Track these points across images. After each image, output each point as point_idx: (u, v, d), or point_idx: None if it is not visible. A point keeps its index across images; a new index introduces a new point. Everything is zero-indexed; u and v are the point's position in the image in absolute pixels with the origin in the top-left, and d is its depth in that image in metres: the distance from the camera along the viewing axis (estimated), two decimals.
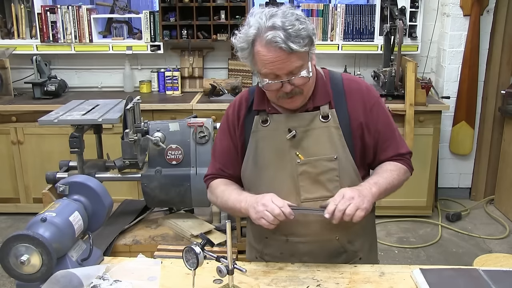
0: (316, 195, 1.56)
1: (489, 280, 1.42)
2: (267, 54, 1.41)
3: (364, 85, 1.63)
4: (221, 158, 1.68)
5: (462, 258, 3.40)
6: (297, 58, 1.42)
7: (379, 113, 1.60)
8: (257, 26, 1.43)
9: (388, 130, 1.61)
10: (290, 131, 1.55)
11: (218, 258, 1.38)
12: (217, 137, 1.72)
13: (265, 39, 1.40)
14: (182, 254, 1.38)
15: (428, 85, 3.90)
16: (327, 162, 1.55)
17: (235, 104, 1.68)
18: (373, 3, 4.14)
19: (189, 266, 1.37)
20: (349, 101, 1.58)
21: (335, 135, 1.55)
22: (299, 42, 1.39)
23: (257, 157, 1.60)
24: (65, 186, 1.55)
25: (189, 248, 1.36)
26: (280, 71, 1.43)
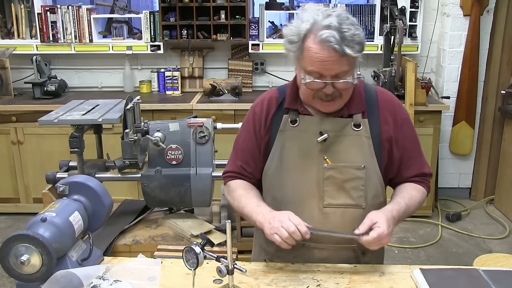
0: (340, 201, 1.55)
1: (489, 280, 1.42)
2: (319, 52, 1.39)
3: (396, 100, 1.63)
4: (242, 156, 1.66)
5: (462, 258, 3.40)
6: (346, 62, 1.41)
7: (408, 130, 1.60)
8: (312, 22, 1.40)
9: (414, 148, 1.61)
10: (321, 134, 1.53)
11: (218, 258, 1.38)
12: (240, 134, 1.69)
13: (319, 37, 1.37)
14: (182, 254, 1.38)
15: (428, 85, 3.90)
16: (354, 170, 1.53)
17: (263, 102, 1.65)
18: (373, 3, 4.14)
19: (189, 266, 1.37)
20: (381, 113, 1.57)
21: (365, 144, 1.54)
22: (353, 47, 1.38)
23: (282, 157, 1.58)
24: (65, 186, 1.55)
25: (189, 248, 1.36)
26: (327, 71, 1.42)
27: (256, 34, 4.08)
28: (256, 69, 4.33)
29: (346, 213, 1.56)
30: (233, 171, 1.67)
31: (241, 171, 1.66)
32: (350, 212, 1.56)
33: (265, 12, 4.08)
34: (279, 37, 4.18)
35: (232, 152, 1.71)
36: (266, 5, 4.12)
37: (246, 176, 1.66)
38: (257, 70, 4.33)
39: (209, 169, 2.34)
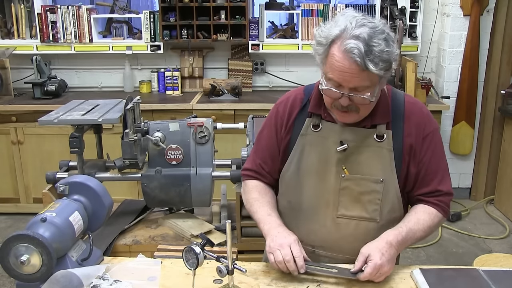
0: (353, 213, 1.53)
1: (489, 280, 1.42)
2: (340, 61, 1.34)
3: (425, 111, 1.55)
4: (262, 154, 1.64)
5: (462, 258, 3.40)
6: (367, 77, 1.35)
7: (431, 144, 1.52)
8: (343, 28, 1.34)
9: (434, 164, 1.52)
10: (342, 144, 1.50)
11: (218, 258, 1.38)
12: (262, 131, 1.66)
13: (344, 45, 1.32)
14: (182, 254, 1.37)
15: (428, 85, 3.90)
16: (372, 183, 1.50)
17: (287, 101, 1.61)
18: (373, 3, 4.14)
19: (189, 266, 1.37)
20: (406, 125, 1.51)
21: (386, 157, 1.50)
22: (377, 63, 1.32)
23: (301, 161, 1.55)
24: (65, 186, 1.55)
25: (189, 248, 1.35)
26: (345, 83, 1.37)
27: (256, 34, 4.08)
28: (256, 69, 4.32)
29: (360, 225, 1.54)
30: (251, 169, 1.66)
31: (259, 170, 1.64)
32: (363, 225, 1.54)
33: (265, 12, 4.08)
34: (279, 37, 4.18)
35: (253, 148, 1.69)
36: (266, 5, 4.12)
37: (264, 175, 1.65)
38: (257, 70, 4.33)
39: (209, 169, 2.34)
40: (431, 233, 1.55)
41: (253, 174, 1.66)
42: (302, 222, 1.60)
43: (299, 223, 1.60)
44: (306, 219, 1.59)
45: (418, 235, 1.50)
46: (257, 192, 1.62)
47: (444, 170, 1.56)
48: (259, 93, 4.27)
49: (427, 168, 1.52)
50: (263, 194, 1.62)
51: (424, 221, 1.51)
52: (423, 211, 1.53)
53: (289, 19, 4.68)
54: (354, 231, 1.55)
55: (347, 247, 1.56)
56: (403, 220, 1.53)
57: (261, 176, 1.65)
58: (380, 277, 1.41)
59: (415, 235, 1.49)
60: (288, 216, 1.63)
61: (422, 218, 1.51)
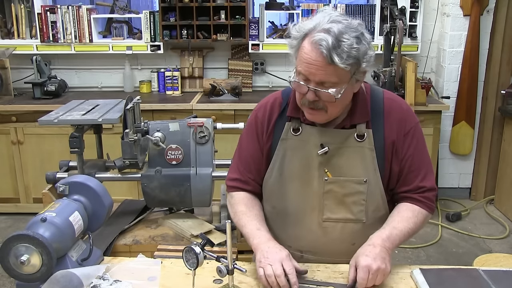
0: (339, 216, 1.52)
1: (489, 280, 1.42)
2: (308, 53, 1.34)
3: (405, 107, 1.54)
4: (246, 161, 1.61)
5: (462, 258, 3.40)
6: (334, 73, 1.33)
7: (412, 140, 1.51)
8: (316, 22, 1.35)
9: (416, 161, 1.51)
10: (322, 147, 1.48)
11: (218, 258, 1.38)
12: (243, 138, 1.64)
13: (313, 37, 1.33)
14: (182, 254, 1.37)
15: (428, 85, 3.90)
16: (355, 184, 1.49)
17: (266, 106, 1.59)
18: (373, 3, 4.14)
19: (189, 266, 1.36)
20: (386, 124, 1.50)
21: (368, 156, 1.48)
22: (343, 57, 1.30)
23: (283, 166, 1.54)
24: (65, 186, 1.55)
25: (189, 248, 1.35)
26: (312, 76, 1.35)
27: (256, 34, 4.08)
28: (256, 69, 4.33)
29: (346, 227, 1.53)
30: (236, 178, 1.62)
31: (244, 178, 1.61)
32: (350, 226, 1.53)
33: (265, 12, 4.08)
34: (279, 37, 4.18)
35: (236, 157, 1.65)
36: (266, 5, 4.12)
37: (249, 182, 1.61)
38: (257, 70, 4.33)
39: (209, 169, 2.34)
40: (418, 229, 1.52)
41: (238, 184, 1.62)
42: (288, 228, 1.59)
43: (285, 229, 1.59)
44: (292, 225, 1.58)
45: (404, 231, 1.47)
46: (244, 205, 1.58)
47: (427, 165, 1.55)
48: (259, 93, 4.27)
49: (410, 165, 1.51)
50: (251, 207, 1.58)
51: (408, 217, 1.49)
52: (406, 209, 1.51)
53: (289, 19, 4.68)
54: (341, 234, 1.54)
55: (335, 249, 1.56)
56: (386, 221, 1.51)
57: (246, 185, 1.61)
58: (376, 278, 1.36)
59: (402, 232, 1.46)
60: (274, 222, 1.62)
61: (406, 216, 1.50)
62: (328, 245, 1.55)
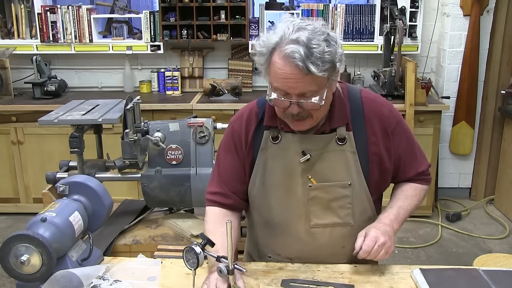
0: (326, 221, 1.51)
1: (489, 280, 1.42)
2: (282, 68, 1.30)
3: (386, 106, 1.53)
4: (225, 175, 1.57)
5: (462, 258, 3.40)
6: (312, 82, 1.30)
7: (401, 136, 1.52)
8: (281, 34, 1.31)
9: (409, 153, 1.56)
10: (304, 154, 1.46)
11: (218, 258, 1.38)
12: (221, 152, 1.59)
13: (284, 51, 1.28)
14: (182, 254, 1.37)
15: (428, 85, 3.90)
16: (340, 188, 1.48)
17: (242, 118, 1.55)
18: (373, 3, 4.14)
19: (190, 266, 1.36)
20: (368, 125, 1.48)
21: (350, 160, 1.47)
22: (319, 64, 1.27)
23: (265, 176, 1.51)
24: (65, 186, 1.55)
25: (189, 248, 1.35)
26: (291, 90, 1.32)
27: (256, 34, 4.08)
28: (256, 69, 4.32)
29: (334, 231, 1.53)
30: (215, 191, 1.57)
31: (225, 192, 1.56)
32: (338, 230, 1.53)
33: (265, 12, 4.08)
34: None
35: (215, 170, 1.61)
36: (266, 5, 4.12)
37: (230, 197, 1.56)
38: (257, 70, 4.31)
39: (209, 169, 2.34)
40: (420, 203, 1.63)
41: (217, 198, 1.57)
42: (276, 236, 1.58)
43: (273, 237, 1.59)
44: (280, 233, 1.57)
45: (409, 209, 1.57)
46: (213, 223, 1.54)
47: (419, 151, 1.60)
48: (259, 93, 4.27)
49: (405, 159, 1.56)
50: (219, 224, 1.49)
51: (412, 196, 1.58)
52: (409, 187, 1.60)
53: None
54: (329, 238, 1.54)
55: (325, 254, 1.55)
56: (391, 200, 1.59)
57: (226, 198, 1.56)
58: (381, 251, 1.41)
59: (406, 210, 1.56)
60: (262, 231, 1.62)
61: (409, 194, 1.58)
62: (317, 251, 1.55)
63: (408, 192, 1.59)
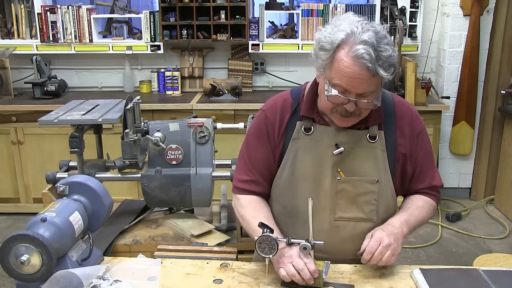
0: (351, 215, 1.53)
1: (489, 280, 1.42)
2: (350, 67, 1.32)
3: (414, 111, 1.59)
4: (255, 162, 1.58)
5: (462, 258, 3.40)
6: (374, 83, 1.35)
7: (423, 142, 1.57)
8: (349, 32, 1.32)
9: (427, 161, 1.59)
10: (337, 147, 1.49)
11: (289, 240, 1.42)
12: (251, 138, 1.60)
13: (354, 51, 1.30)
14: (255, 247, 1.40)
15: (428, 85, 3.90)
16: (368, 184, 1.51)
17: (276, 107, 1.57)
18: (373, 3, 4.14)
19: (266, 254, 1.39)
20: (398, 126, 1.53)
21: (380, 157, 1.51)
22: (386, 68, 1.32)
23: (294, 166, 1.54)
24: (65, 186, 1.55)
25: (262, 238, 1.39)
26: (354, 89, 1.35)
27: (256, 34, 4.08)
28: (256, 69, 4.33)
29: (357, 226, 1.55)
30: (244, 179, 1.60)
31: (254, 178, 1.59)
32: (360, 225, 1.55)
33: (265, 12, 4.08)
34: (279, 37, 4.18)
35: (243, 157, 1.62)
36: (266, 5, 4.12)
37: (260, 184, 1.59)
38: (257, 70, 4.33)
39: (209, 169, 2.34)
40: (428, 218, 1.62)
41: (248, 186, 1.59)
42: (299, 227, 1.58)
43: (296, 228, 1.59)
44: (303, 224, 1.55)
45: (419, 218, 1.57)
46: (252, 208, 1.57)
47: (434, 165, 1.64)
48: (259, 93, 4.27)
49: (422, 165, 1.58)
50: (259, 210, 1.57)
51: (422, 207, 1.59)
52: (420, 199, 1.61)
53: (289, 19, 4.68)
54: (352, 232, 1.55)
55: (346, 248, 1.56)
56: (401, 209, 1.59)
57: (256, 186, 1.59)
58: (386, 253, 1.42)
59: (417, 219, 1.56)
60: (284, 221, 1.62)
61: (420, 205, 1.59)
62: (338, 244, 1.56)
63: (418, 203, 1.60)
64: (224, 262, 1.58)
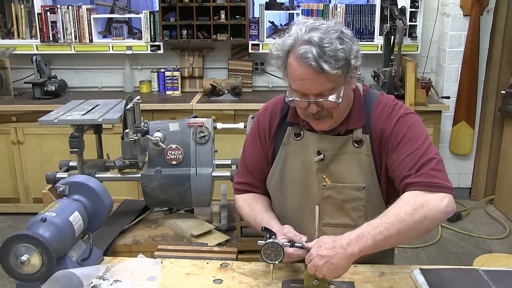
0: (338, 221, 1.52)
1: (489, 280, 1.42)
2: (297, 69, 1.33)
3: (391, 103, 1.47)
4: (250, 166, 1.63)
5: (462, 258, 3.40)
6: (327, 80, 1.33)
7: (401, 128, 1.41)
8: (295, 36, 1.35)
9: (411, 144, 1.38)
10: (318, 153, 1.48)
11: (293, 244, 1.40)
12: (246, 143, 1.66)
13: (297, 52, 1.32)
14: (260, 254, 1.39)
15: (428, 85, 3.90)
16: (354, 190, 1.48)
17: (267, 111, 1.60)
18: (373, 3, 4.14)
19: (272, 261, 1.38)
20: (373, 125, 1.46)
21: (365, 162, 1.47)
22: (332, 62, 1.29)
23: (284, 171, 1.55)
24: (65, 186, 1.55)
25: (268, 245, 1.38)
26: (308, 91, 1.35)
27: (256, 34, 4.08)
28: (256, 69, 4.33)
29: (345, 232, 1.46)
30: (242, 181, 1.65)
31: (252, 182, 1.63)
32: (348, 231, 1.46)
33: (265, 12, 4.08)
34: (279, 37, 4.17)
35: (241, 161, 1.67)
36: (266, 5, 4.12)
37: (257, 186, 1.63)
38: (257, 70, 4.33)
39: (209, 169, 2.34)
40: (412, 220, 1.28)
41: (245, 187, 1.64)
42: None
43: None
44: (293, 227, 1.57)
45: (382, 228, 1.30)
46: (247, 205, 1.61)
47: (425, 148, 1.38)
48: (259, 93, 4.27)
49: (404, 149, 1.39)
50: (254, 204, 1.60)
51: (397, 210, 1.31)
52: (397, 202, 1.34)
53: (289, 19, 4.69)
54: None
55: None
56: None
57: (253, 188, 1.64)
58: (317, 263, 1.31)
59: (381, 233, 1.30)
60: None
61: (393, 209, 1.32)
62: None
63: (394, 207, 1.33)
64: (224, 262, 1.58)
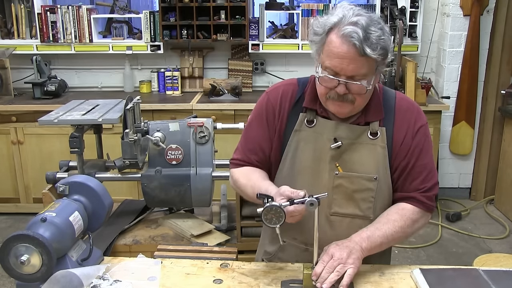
0: (347, 211, 1.52)
1: (489, 280, 1.42)
2: (339, 46, 1.34)
3: (416, 107, 1.55)
4: (252, 145, 1.58)
5: (462, 258, 3.40)
6: (364, 64, 1.35)
7: (420, 139, 1.50)
8: (341, 16, 1.36)
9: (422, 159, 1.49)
10: (336, 141, 1.48)
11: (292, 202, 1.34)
12: (252, 120, 1.61)
13: (342, 31, 1.33)
14: (261, 218, 1.33)
15: (428, 85, 3.90)
16: (365, 181, 1.49)
17: (279, 91, 1.57)
18: (373, 3, 4.14)
19: (274, 224, 1.33)
20: (397, 121, 1.50)
21: (380, 154, 1.48)
22: (375, 49, 1.32)
23: (295, 158, 1.53)
24: (65, 186, 1.55)
25: (267, 208, 1.31)
26: (342, 71, 1.36)
27: (256, 34, 4.08)
28: (256, 69, 4.33)
29: (353, 223, 1.52)
30: (239, 159, 1.61)
31: (249, 159, 1.59)
32: (357, 222, 1.52)
33: (265, 12, 4.08)
34: (279, 37, 4.18)
35: (242, 138, 1.64)
36: (266, 5, 4.12)
37: (253, 164, 1.59)
38: (257, 70, 4.33)
39: (209, 169, 2.34)
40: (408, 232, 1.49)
41: (241, 163, 1.60)
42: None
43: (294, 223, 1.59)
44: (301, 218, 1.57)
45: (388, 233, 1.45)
46: (245, 176, 1.56)
47: (431, 167, 1.52)
48: (259, 93, 4.22)
49: (414, 163, 1.49)
50: (250, 175, 1.54)
51: (394, 220, 1.47)
52: (395, 212, 1.49)
53: (289, 19, 4.68)
54: (347, 229, 1.53)
55: None
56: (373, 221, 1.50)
57: (248, 164, 1.60)
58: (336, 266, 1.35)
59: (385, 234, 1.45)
60: None
61: (392, 218, 1.48)
62: (333, 239, 1.54)
63: (391, 215, 1.49)
64: (224, 262, 1.58)
